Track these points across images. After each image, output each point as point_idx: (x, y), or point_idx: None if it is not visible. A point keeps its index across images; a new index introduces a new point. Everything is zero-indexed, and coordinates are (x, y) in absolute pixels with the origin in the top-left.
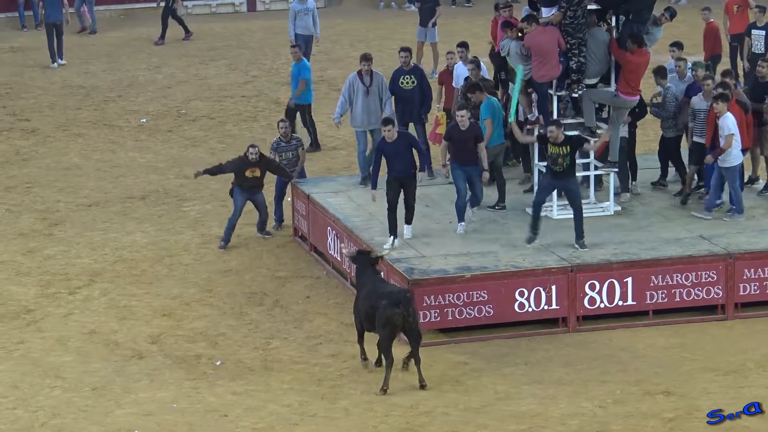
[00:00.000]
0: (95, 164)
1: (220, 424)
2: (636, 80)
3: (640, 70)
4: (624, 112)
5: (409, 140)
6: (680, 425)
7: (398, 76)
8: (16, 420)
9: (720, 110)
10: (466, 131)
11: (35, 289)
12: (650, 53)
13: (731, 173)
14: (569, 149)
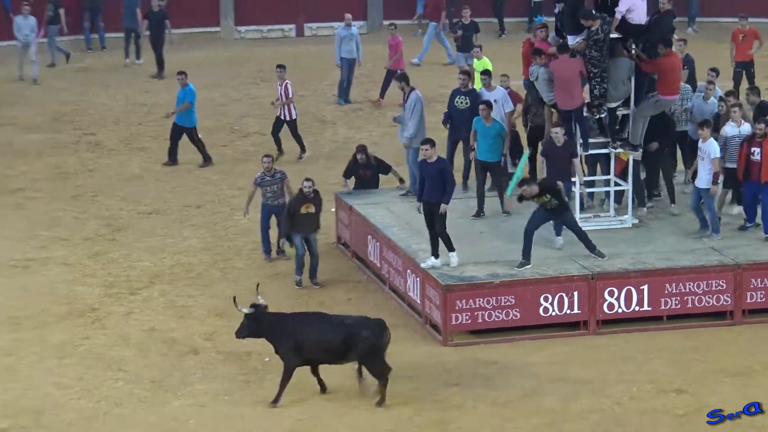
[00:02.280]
0: (155, 175)
1: (269, 415)
2: (675, 80)
3: (675, 70)
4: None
5: (440, 168)
6: (691, 421)
7: (454, 96)
8: (81, 409)
9: (704, 136)
10: (562, 147)
11: (99, 289)
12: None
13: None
14: (550, 196)
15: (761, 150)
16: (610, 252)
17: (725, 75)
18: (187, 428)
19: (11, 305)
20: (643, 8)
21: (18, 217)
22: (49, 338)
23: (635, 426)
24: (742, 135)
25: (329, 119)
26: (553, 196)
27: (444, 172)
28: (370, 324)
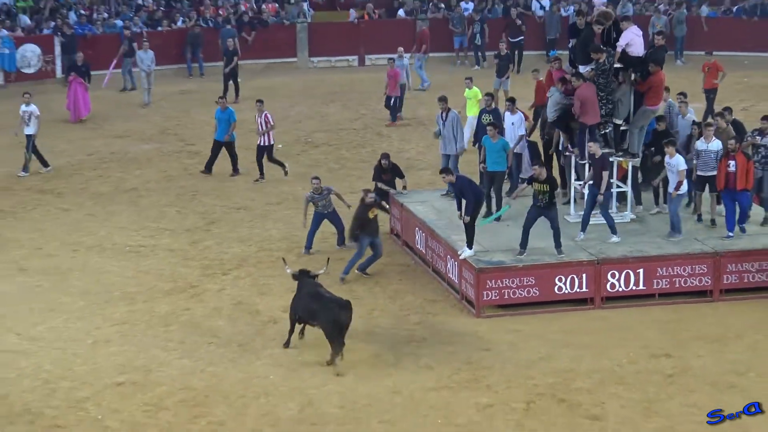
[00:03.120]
0: (243, 178)
1: (334, 373)
2: (660, 93)
3: (661, 85)
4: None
5: (459, 187)
6: (677, 380)
7: (481, 114)
8: (182, 367)
9: (670, 152)
10: (598, 159)
11: (198, 270)
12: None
13: (675, 200)
14: (549, 188)
15: (736, 162)
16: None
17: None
18: (266, 382)
19: (126, 283)
20: (641, 43)
21: (132, 211)
22: (157, 310)
23: (631, 383)
24: (710, 150)
25: (385, 133)
26: (550, 188)
27: (462, 189)
28: (340, 303)
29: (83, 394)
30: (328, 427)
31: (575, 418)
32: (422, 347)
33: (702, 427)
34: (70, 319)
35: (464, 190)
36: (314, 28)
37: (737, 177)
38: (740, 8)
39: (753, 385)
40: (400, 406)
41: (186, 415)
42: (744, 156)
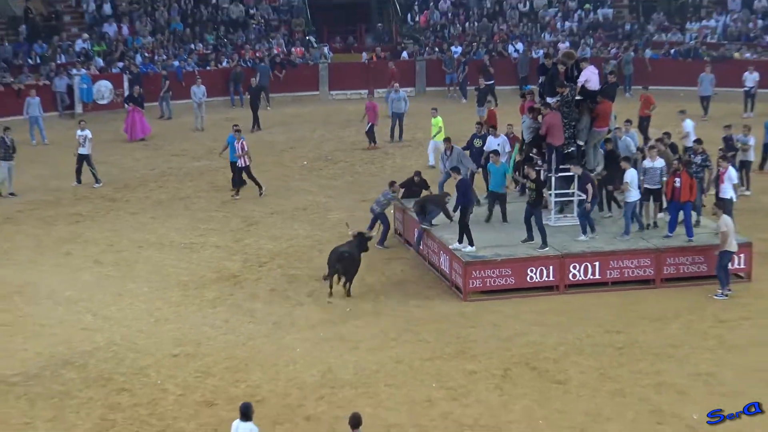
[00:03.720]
0: (275, 189)
1: (349, 346)
2: (606, 119)
3: (607, 113)
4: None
5: (459, 186)
6: (626, 351)
7: (473, 139)
8: (227, 341)
9: (625, 167)
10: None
11: (239, 263)
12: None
13: (628, 206)
14: (536, 186)
15: (681, 179)
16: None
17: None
18: (294, 353)
19: (181, 273)
20: (596, 80)
21: (186, 215)
22: (206, 295)
23: (589, 354)
24: (655, 167)
25: (390, 152)
26: (537, 187)
27: (458, 188)
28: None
29: (146, 362)
30: (344, 389)
31: (544, 382)
32: (420, 325)
33: (646, 390)
34: (136, 302)
35: (459, 189)
36: (333, 67)
37: (682, 191)
38: (677, 51)
39: (687, 356)
40: (402, 373)
41: (229, 380)
42: (687, 174)
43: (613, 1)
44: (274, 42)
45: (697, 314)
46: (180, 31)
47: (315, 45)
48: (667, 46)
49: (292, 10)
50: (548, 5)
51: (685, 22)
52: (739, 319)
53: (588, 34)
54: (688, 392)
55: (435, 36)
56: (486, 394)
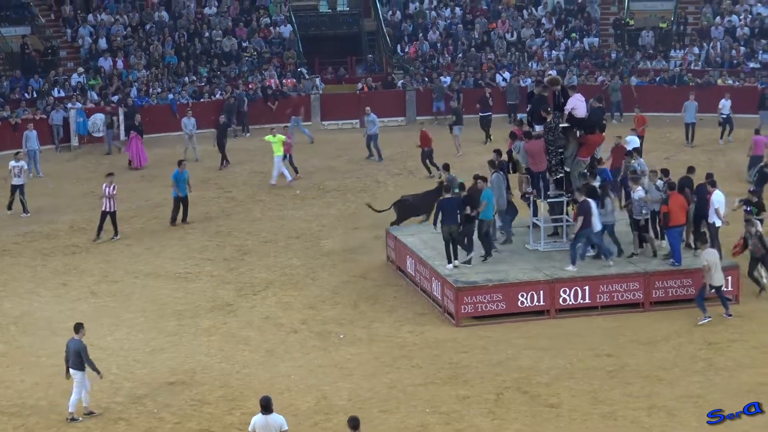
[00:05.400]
0: (270, 218)
1: (343, 373)
2: (591, 150)
3: (595, 144)
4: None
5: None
6: (617, 374)
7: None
8: (222, 370)
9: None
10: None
11: (233, 292)
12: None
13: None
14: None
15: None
16: (564, 265)
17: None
18: (288, 381)
19: (176, 302)
20: (583, 107)
21: (181, 245)
22: (201, 324)
23: (580, 378)
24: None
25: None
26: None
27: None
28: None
29: (142, 392)
30: (338, 415)
31: (536, 406)
32: (413, 351)
33: (637, 413)
34: (132, 331)
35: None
36: (325, 98)
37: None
38: (662, 78)
39: (677, 378)
40: (396, 399)
41: (224, 408)
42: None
43: (599, 30)
44: (266, 74)
45: (686, 337)
46: (174, 64)
47: (307, 76)
48: (652, 74)
49: (284, 42)
50: (535, 35)
51: (670, 50)
52: (727, 341)
53: (574, 62)
54: (678, 415)
55: (424, 66)
56: (479, 418)
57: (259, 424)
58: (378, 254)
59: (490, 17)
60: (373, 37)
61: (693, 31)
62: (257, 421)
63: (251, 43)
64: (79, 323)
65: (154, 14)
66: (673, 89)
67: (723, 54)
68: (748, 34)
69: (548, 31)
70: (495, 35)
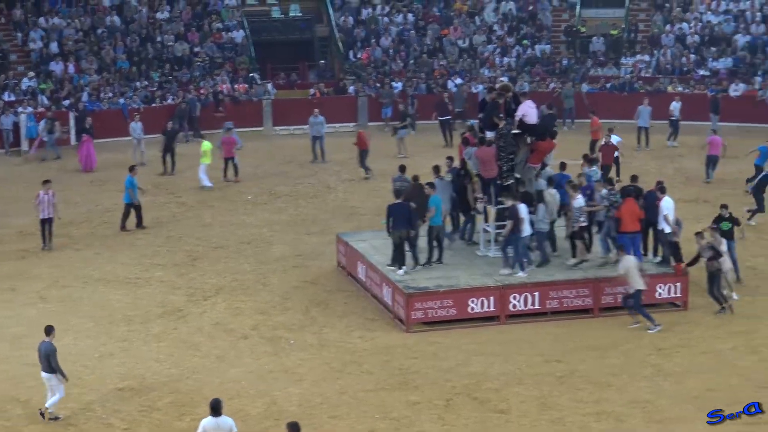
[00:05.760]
0: (220, 223)
1: (293, 378)
2: (541, 157)
3: (545, 150)
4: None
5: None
6: (566, 380)
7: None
8: (171, 375)
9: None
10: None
11: (183, 297)
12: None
13: (519, 241)
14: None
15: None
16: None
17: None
18: (239, 386)
19: (126, 307)
20: (534, 114)
21: (131, 250)
22: (151, 329)
23: (530, 383)
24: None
25: (332, 186)
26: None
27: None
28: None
29: (91, 398)
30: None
31: (485, 412)
32: (363, 357)
33: (586, 418)
34: (80, 337)
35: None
36: (277, 103)
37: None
38: (612, 85)
39: (626, 384)
40: (346, 404)
41: (174, 414)
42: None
43: (551, 37)
44: (218, 79)
45: (635, 343)
46: (126, 69)
47: (259, 82)
48: (603, 81)
49: (236, 47)
50: (487, 41)
51: (621, 57)
52: (675, 347)
53: (526, 69)
54: (626, 420)
55: (377, 72)
56: (429, 424)
57: (210, 427)
58: (329, 260)
59: (442, 24)
60: (326, 42)
61: (644, 38)
62: (207, 424)
63: (203, 48)
64: (49, 326)
65: (106, 18)
66: (624, 96)
67: (673, 61)
68: (698, 41)
69: (500, 38)
70: (447, 41)
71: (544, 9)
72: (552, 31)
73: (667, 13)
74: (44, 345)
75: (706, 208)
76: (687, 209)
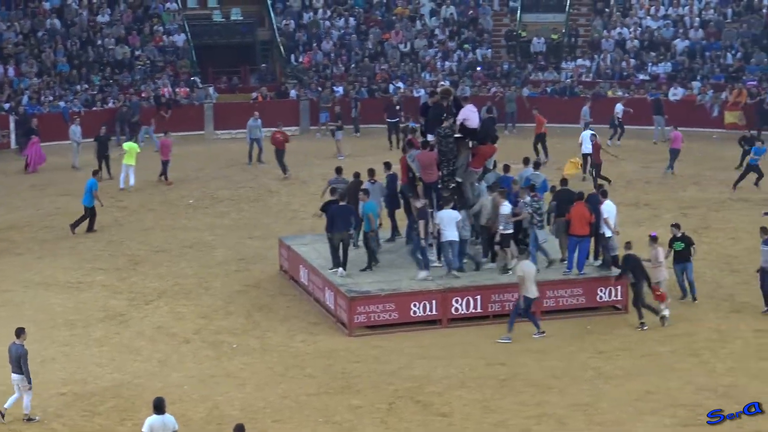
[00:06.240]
0: (162, 227)
1: (236, 383)
2: (482, 161)
3: (486, 155)
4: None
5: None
6: (508, 383)
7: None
8: (113, 380)
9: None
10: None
11: (125, 301)
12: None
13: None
14: None
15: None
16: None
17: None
18: (181, 391)
19: (68, 312)
20: (475, 118)
21: (73, 255)
22: (93, 334)
23: (473, 387)
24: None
25: (274, 189)
26: None
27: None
28: None
29: (33, 403)
30: (231, 426)
31: (428, 415)
32: (306, 361)
33: (528, 421)
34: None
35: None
36: (218, 107)
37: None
38: (553, 89)
39: (567, 387)
40: (289, 409)
41: (116, 418)
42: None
43: (492, 41)
44: (159, 82)
45: (577, 346)
46: (66, 72)
47: (200, 85)
48: (543, 85)
49: (178, 51)
50: (428, 46)
51: (561, 62)
52: (616, 350)
53: (467, 73)
54: (568, 423)
55: (318, 76)
56: (371, 428)
57: (157, 425)
58: (271, 264)
59: (383, 28)
60: (267, 46)
61: (584, 43)
62: (154, 423)
63: (144, 52)
64: (20, 328)
65: (46, 21)
66: (565, 100)
67: (613, 66)
68: (637, 46)
69: (441, 42)
70: (389, 45)
71: (485, 13)
72: (493, 35)
73: (606, 18)
74: (14, 347)
75: (646, 212)
76: (627, 213)
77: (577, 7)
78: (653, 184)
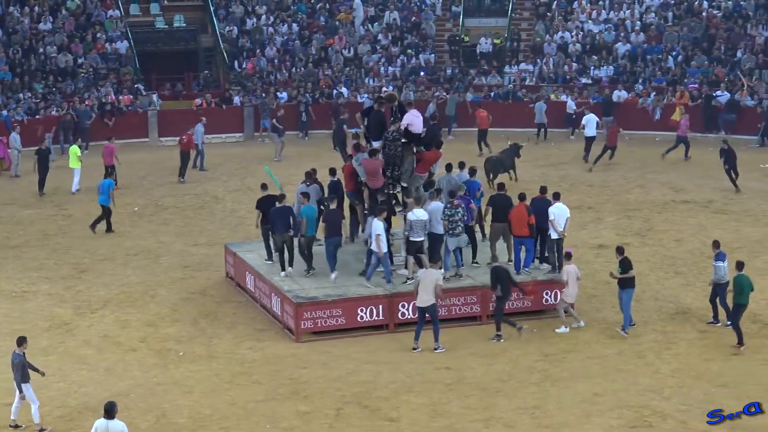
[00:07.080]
0: (107, 235)
1: (183, 390)
2: (427, 166)
3: (431, 160)
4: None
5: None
6: (455, 387)
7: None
8: (59, 389)
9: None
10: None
11: (71, 310)
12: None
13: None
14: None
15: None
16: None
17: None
18: (127, 399)
19: (13, 321)
20: (419, 123)
21: (17, 263)
22: (38, 343)
23: (420, 391)
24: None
25: (220, 197)
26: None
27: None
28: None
29: None
30: None
31: (376, 420)
32: (253, 367)
33: (475, 425)
34: None
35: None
36: (162, 114)
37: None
38: (496, 93)
39: (514, 390)
40: (236, 415)
41: (62, 428)
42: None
43: (434, 46)
44: (103, 90)
45: (523, 349)
46: (8, 81)
47: (143, 92)
48: (486, 89)
49: (121, 58)
50: (372, 51)
51: (504, 66)
52: (563, 352)
53: (410, 78)
54: (515, 426)
55: (262, 82)
56: None
57: (101, 428)
58: (217, 271)
59: (327, 33)
60: (211, 53)
61: (526, 47)
62: (98, 425)
63: (87, 59)
64: (21, 337)
65: None
66: (508, 104)
67: (556, 69)
68: (580, 50)
69: (384, 48)
70: (332, 51)
71: (428, 18)
72: (436, 40)
73: (548, 22)
74: (15, 356)
75: (590, 215)
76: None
77: (519, 12)
78: (596, 186)
